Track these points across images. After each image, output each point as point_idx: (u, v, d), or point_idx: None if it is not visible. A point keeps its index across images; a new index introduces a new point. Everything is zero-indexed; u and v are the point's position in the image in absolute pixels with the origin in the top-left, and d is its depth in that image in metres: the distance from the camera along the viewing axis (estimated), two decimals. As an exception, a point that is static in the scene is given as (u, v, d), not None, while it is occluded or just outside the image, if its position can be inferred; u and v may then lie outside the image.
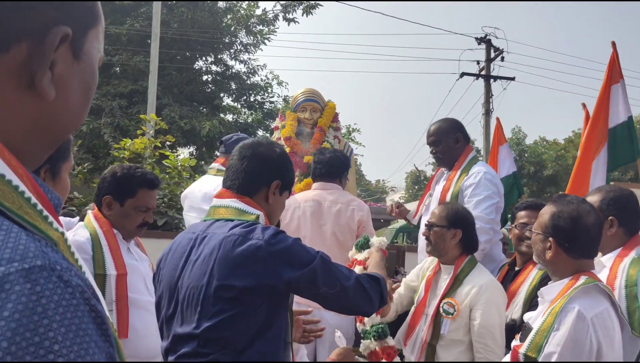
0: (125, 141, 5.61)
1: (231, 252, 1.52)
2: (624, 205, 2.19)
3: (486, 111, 16.93)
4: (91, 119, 12.01)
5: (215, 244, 1.56)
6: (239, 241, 1.53)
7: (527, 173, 27.86)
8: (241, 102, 16.10)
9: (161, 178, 5.04)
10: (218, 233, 1.60)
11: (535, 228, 1.94)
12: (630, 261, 2.13)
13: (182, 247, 1.67)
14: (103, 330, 0.57)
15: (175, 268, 1.65)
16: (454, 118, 3.49)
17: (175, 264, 1.65)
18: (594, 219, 1.84)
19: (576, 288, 1.75)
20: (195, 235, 1.66)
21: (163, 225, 4.45)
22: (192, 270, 1.58)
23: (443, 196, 3.13)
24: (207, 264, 1.54)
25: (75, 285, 0.56)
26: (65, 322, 0.53)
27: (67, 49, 0.65)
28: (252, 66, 15.80)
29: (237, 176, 1.72)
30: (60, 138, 0.69)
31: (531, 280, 2.50)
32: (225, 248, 1.53)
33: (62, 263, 0.57)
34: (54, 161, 1.39)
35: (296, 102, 4.19)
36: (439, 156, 3.29)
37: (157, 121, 6.51)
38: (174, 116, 12.63)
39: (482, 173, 3.09)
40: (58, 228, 0.62)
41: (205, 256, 1.56)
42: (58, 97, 0.65)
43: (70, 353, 0.52)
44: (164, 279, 1.69)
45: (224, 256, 1.52)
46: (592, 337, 1.68)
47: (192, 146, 14.78)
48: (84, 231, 2.19)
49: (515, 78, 17.28)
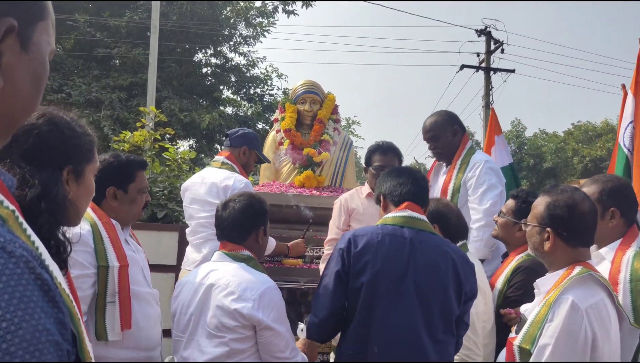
0: (125, 133, 5.60)
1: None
2: (625, 196, 2.12)
3: (486, 103, 16.90)
4: (91, 112, 12.00)
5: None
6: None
7: (527, 165, 27.85)
8: (241, 95, 16.06)
9: (161, 171, 5.05)
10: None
11: (530, 220, 1.91)
12: (634, 255, 2.05)
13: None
14: (50, 297, 0.60)
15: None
16: (448, 110, 3.43)
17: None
18: (589, 207, 1.83)
19: (571, 279, 1.73)
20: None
21: (163, 218, 4.45)
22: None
23: (444, 191, 3.11)
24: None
25: (19, 255, 0.59)
26: (8, 290, 0.56)
27: (15, 40, 0.68)
28: (251, 59, 15.76)
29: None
30: (12, 125, 0.72)
31: (506, 272, 2.49)
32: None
33: (6, 236, 0.60)
34: (77, 162, 1.33)
35: (295, 94, 4.19)
36: (439, 151, 3.24)
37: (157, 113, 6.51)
38: (174, 109, 12.61)
39: (482, 161, 3.05)
40: (8, 206, 0.66)
41: None
42: (6, 86, 0.68)
43: (15, 318, 0.55)
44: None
45: None
46: (587, 327, 1.66)
47: (192, 139, 14.77)
48: (84, 224, 2.17)
49: (515, 70, 17.23)
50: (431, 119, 3.27)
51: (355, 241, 2.03)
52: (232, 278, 2.04)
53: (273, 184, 4.02)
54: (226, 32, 15.30)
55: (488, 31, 17.45)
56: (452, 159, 3.23)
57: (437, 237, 2.14)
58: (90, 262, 2.10)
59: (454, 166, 3.15)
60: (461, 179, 3.06)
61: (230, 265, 2.10)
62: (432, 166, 3.51)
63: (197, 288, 2.10)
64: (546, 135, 31.44)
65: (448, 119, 3.23)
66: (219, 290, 2.03)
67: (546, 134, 31.54)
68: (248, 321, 1.98)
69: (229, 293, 2.00)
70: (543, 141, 30.39)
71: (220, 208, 2.21)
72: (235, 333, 1.99)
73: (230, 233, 2.16)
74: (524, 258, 2.47)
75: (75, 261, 2.06)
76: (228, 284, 2.03)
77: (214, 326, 2.01)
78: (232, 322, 1.98)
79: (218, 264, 2.13)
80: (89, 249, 2.11)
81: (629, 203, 2.12)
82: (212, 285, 2.06)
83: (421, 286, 1.99)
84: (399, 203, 2.15)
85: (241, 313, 1.97)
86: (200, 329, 2.05)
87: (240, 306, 1.97)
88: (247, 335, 2.00)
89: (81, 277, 2.07)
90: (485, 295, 2.33)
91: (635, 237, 2.13)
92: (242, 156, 3.31)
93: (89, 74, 13.30)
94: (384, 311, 1.97)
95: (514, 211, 2.56)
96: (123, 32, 13.80)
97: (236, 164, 3.26)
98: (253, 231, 2.18)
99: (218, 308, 2.01)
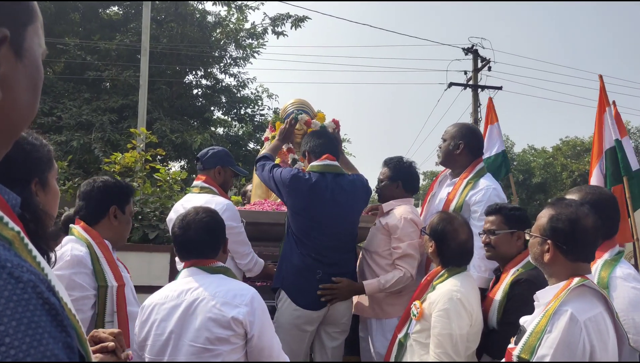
0: (116, 155, 5.59)
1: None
2: (602, 208, 2.13)
3: (474, 120, 17.06)
4: (81, 135, 11.97)
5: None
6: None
7: (516, 180, 28.01)
8: (232, 116, 16.10)
9: (152, 191, 5.03)
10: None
11: (534, 231, 1.94)
12: (602, 264, 2.12)
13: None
14: (58, 321, 0.59)
15: None
16: (470, 126, 3.46)
17: None
18: (592, 223, 1.84)
19: (569, 290, 1.75)
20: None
21: (154, 239, 4.42)
22: None
23: (446, 206, 3.12)
24: None
25: (27, 280, 0.58)
26: (16, 316, 0.55)
27: (8, 49, 0.67)
28: (242, 79, 15.86)
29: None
30: (13, 135, 0.71)
31: (504, 286, 2.49)
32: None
33: (13, 260, 0.59)
34: (41, 173, 1.42)
35: (286, 113, 4.20)
36: (438, 153, 3.37)
37: (148, 134, 6.51)
38: (165, 130, 12.61)
39: (490, 189, 3.07)
40: (14, 227, 0.64)
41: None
42: (5, 98, 0.66)
43: (23, 345, 0.54)
44: None
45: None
46: (585, 339, 1.67)
47: (184, 160, 14.76)
48: (81, 246, 2.18)
49: (502, 87, 17.46)
50: (451, 126, 3.36)
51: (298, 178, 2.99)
52: (217, 288, 2.03)
53: (264, 202, 4.01)
54: (216, 54, 15.40)
55: (475, 49, 17.71)
56: (454, 171, 3.30)
57: (347, 176, 3.13)
58: (90, 284, 2.11)
59: (460, 183, 3.17)
60: (464, 198, 3.08)
61: (210, 278, 2.08)
62: (438, 175, 3.55)
63: (173, 307, 2.04)
64: (535, 151, 31.74)
65: (459, 134, 3.27)
66: (206, 302, 2.00)
67: (535, 150, 31.84)
68: (243, 328, 1.98)
69: (221, 302, 1.99)
70: (532, 157, 30.67)
71: (179, 229, 2.14)
72: (228, 344, 1.97)
73: (201, 252, 2.14)
74: (521, 271, 2.47)
75: (75, 283, 2.08)
76: (215, 294, 2.00)
77: (204, 340, 1.96)
78: (226, 331, 1.96)
79: (193, 280, 2.08)
80: (87, 271, 2.12)
81: (605, 215, 2.11)
82: (195, 300, 2.01)
83: (338, 212, 2.99)
84: (320, 155, 3.09)
85: (237, 319, 1.96)
86: (182, 349, 1.99)
87: (235, 312, 1.97)
88: (240, 344, 2.00)
89: (82, 299, 2.07)
90: (471, 317, 2.33)
91: (611, 248, 2.18)
92: (218, 176, 3.29)
93: (79, 97, 13.29)
94: (317, 233, 2.98)
95: (504, 223, 2.57)
96: (113, 54, 13.84)
97: (214, 186, 3.24)
98: (221, 244, 2.21)
99: (210, 320, 1.97)
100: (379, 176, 3.38)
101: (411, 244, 3.05)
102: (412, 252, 3.04)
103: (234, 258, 3.17)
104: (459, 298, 2.31)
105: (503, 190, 3.20)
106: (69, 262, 2.10)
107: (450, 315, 2.28)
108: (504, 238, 2.56)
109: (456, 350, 2.26)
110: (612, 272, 2.12)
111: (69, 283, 2.07)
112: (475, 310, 2.36)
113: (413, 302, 2.51)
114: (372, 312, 3.14)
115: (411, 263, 3.03)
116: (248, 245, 3.20)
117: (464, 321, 2.28)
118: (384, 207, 3.26)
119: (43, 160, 1.43)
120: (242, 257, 3.18)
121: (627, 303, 2.00)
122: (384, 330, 3.06)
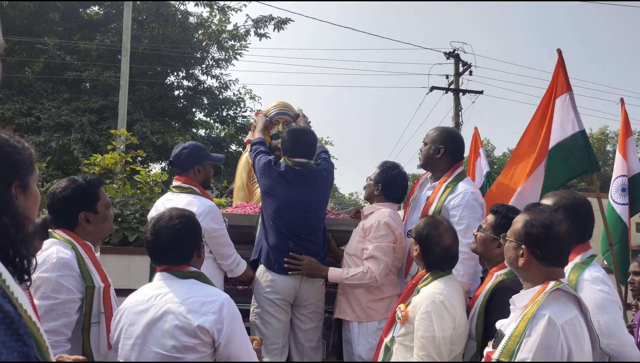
0: (96, 156, 5.52)
1: None
2: (574, 212, 2.18)
3: (456, 124, 17.23)
4: (60, 135, 11.81)
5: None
6: None
7: (498, 184, 28.30)
8: (213, 117, 16.03)
9: (132, 193, 4.98)
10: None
11: (509, 235, 1.98)
12: (572, 266, 2.17)
13: None
14: (13, 330, 0.57)
15: None
16: (451, 131, 3.51)
17: None
18: (566, 229, 1.88)
19: (545, 293, 1.79)
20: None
21: (134, 241, 4.38)
22: None
23: (426, 210, 3.14)
24: None
25: None
26: None
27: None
28: (224, 81, 15.79)
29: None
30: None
31: (485, 292, 2.48)
32: None
33: None
34: (22, 176, 1.40)
35: (268, 115, 4.19)
36: (419, 156, 3.41)
37: (128, 135, 6.44)
38: (146, 131, 12.50)
39: (468, 193, 3.08)
40: None
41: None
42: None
43: None
44: None
45: None
46: (563, 342, 1.71)
47: (164, 161, 14.63)
48: (65, 248, 2.16)
49: (483, 92, 17.68)
50: (433, 129, 3.41)
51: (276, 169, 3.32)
52: (186, 295, 1.99)
53: (247, 205, 3.99)
54: (198, 55, 15.32)
55: (456, 54, 17.89)
56: (433, 174, 3.34)
57: (315, 168, 3.38)
58: (76, 287, 2.10)
59: (439, 187, 3.20)
60: (443, 202, 3.11)
61: (181, 283, 2.04)
62: (418, 179, 3.57)
63: (141, 312, 2.01)
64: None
65: (440, 138, 3.30)
66: (174, 308, 1.97)
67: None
68: (210, 336, 1.94)
69: (188, 310, 1.95)
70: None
71: (151, 235, 2.09)
72: (195, 353, 1.93)
73: (173, 259, 2.09)
74: (503, 277, 2.48)
75: (62, 286, 2.08)
76: (184, 301, 1.97)
77: (170, 348, 1.93)
78: (192, 340, 1.93)
79: (164, 285, 2.05)
80: (74, 273, 2.11)
81: (578, 220, 2.16)
82: (163, 306, 1.98)
83: (305, 194, 3.27)
84: (293, 153, 3.35)
85: (204, 328, 1.92)
86: (149, 355, 1.96)
87: (201, 320, 1.93)
88: (207, 352, 1.96)
89: (68, 302, 2.07)
90: (454, 320, 2.34)
91: (583, 251, 2.22)
92: (198, 174, 3.23)
93: (58, 97, 13.11)
94: (287, 213, 3.24)
95: (493, 227, 2.58)
96: (94, 55, 13.68)
97: (195, 186, 3.19)
98: (196, 249, 2.14)
99: (176, 328, 1.94)
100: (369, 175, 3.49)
101: (379, 246, 3.08)
102: (378, 254, 3.07)
103: (216, 259, 3.15)
104: (441, 301, 2.33)
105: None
106: (55, 265, 2.08)
107: (432, 318, 2.30)
108: (484, 239, 2.59)
109: (439, 352, 2.28)
110: (580, 275, 2.18)
111: (55, 286, 2.06)
112: (458, 313, 2.38)
113: (398, 306, 2.53)
114: (354, 315, 3.15)
115: (375, 265, 3.06)
116: (231, 245, 3.19)
117: (446, 323, 2.30)
118: (364, 210, 3.31)
119: (25, 163, 1.42)
120: (225, 258, 3.17)
121: (594, 306, 2.04)
122: (366, 333, 3.07)
